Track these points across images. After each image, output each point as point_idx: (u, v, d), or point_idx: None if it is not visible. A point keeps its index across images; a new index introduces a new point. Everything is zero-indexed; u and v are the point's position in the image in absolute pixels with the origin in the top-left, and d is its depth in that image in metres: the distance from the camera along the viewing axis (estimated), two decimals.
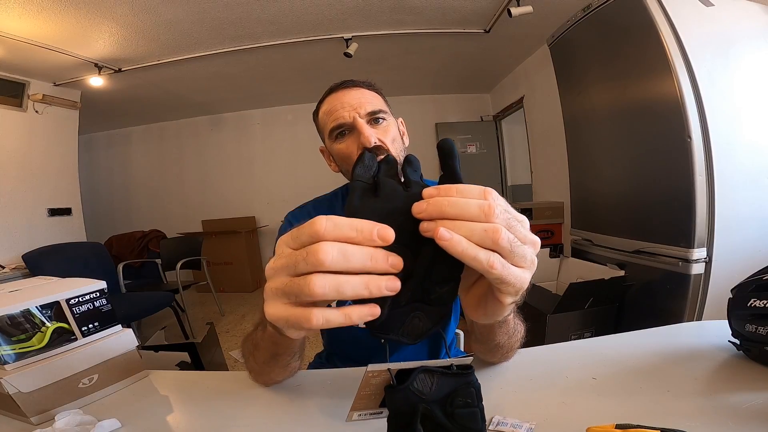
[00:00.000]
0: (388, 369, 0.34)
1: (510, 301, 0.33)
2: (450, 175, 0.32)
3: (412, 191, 0.31)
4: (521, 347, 0.62)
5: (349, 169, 0.75)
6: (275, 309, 0.30)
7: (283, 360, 0.56)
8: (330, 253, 0.26)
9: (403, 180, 0.32)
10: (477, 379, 0.35)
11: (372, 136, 0.69)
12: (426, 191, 0.30)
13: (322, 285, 0.27)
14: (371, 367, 0.34)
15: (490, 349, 0.58)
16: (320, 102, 0.78)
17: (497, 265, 0.28)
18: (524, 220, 0.32)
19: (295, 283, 0.28)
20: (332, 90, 0.77)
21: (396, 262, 0.27)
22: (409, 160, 0.34)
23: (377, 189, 0.31)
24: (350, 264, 0.27)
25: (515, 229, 0.30)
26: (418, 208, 0.29)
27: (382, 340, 0.31)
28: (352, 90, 0.75)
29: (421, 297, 0.30)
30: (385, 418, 0.36)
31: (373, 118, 0.72)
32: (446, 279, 0.29)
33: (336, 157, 0.76)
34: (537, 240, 0.32)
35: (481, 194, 0.29)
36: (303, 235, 0.28)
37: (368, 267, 0.27)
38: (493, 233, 0.28)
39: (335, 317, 0.28)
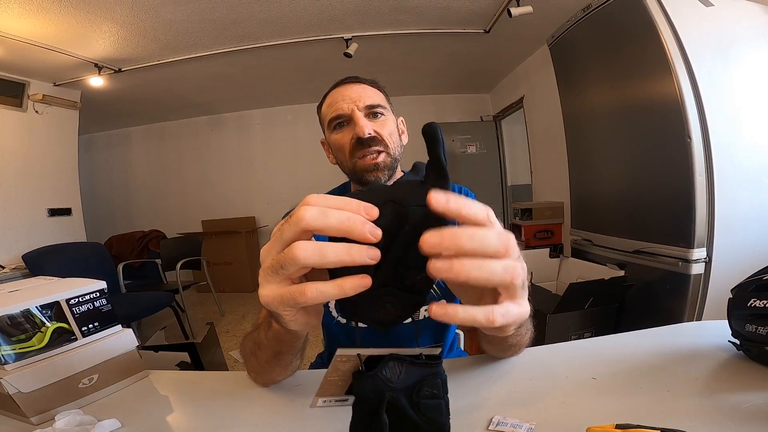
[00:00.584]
0: (358, 354, 0.33)
1: (511, 329, 0.33)
2: (435, 164, 0.28)
3: (395, 182, 0.30)
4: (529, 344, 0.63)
5: (343, 160, 0.76)
6: (269, 290, 0.30)
7: (286, 359, 0.56)
8: (310, 210, 0.27)
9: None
10: (444, 371, 0.35)
11: (367, 126, 0.70)
12: (435, 202, 0.26)
13: (304, 249, 0.26)
14: (341, 351, 0.33)
15: (502, 349, 0.59)
16: (324, 96, 0.80)
17: (498, 318, 0.27)
18: (513, 238, 0.30)
19: (281, 255, 0.28)
20: (336, 85, 0.79)
21: (374, 231, 0.26)
22: (414, 166, 0.33)
23: (366, 187, 0.30)
24: (329, 221, 0.26)
25: (519, 259, 0.28)
26: (429, 243, 0.25)
27: (353, 323, 0.29)
28: (355, 85, 0.76)
29: (393, 282, 0.28)
30: (350, 406, 0.35)
31: (372, 112, 0.73)
32: (422, 266, 0.26)
33: (332, 147, 0.78)
34: (525, 266, 0.31)
35: (486, 218, 0.27)
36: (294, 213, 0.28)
37: (347, 225, 0.26)
38: (513, 271, 0.26)
39: (329, 289, 0.27)
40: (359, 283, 0.26)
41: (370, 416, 0.33)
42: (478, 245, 0.26)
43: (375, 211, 0.27)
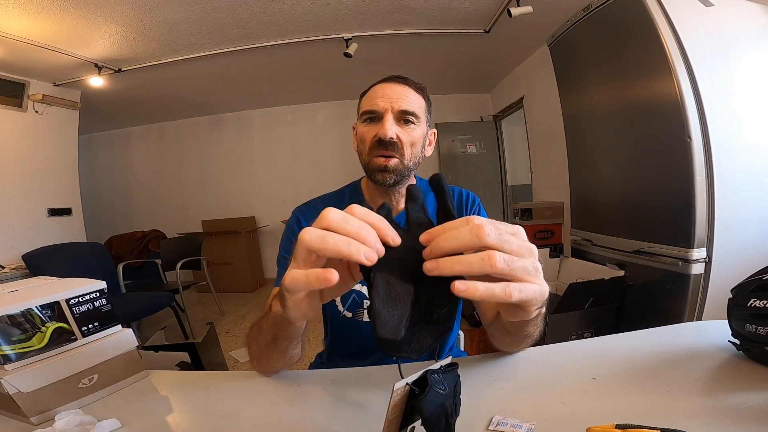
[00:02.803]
0: (407, 383, 0.37)
1: (535, 309, 0.36)
2: (443, 209, 0.35)
3: (412, 233, 0.34)
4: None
5: (362, 151, 0.79)
6: (294, 273, 0.34)
7: (282, 345, 0.57)
8: (334, 214, 0.32)
9: (407, 217, 0.36)
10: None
11: (390, 130, 0.72)
12: (422, 237, 0.32)
13: (309, 233, 0.32)
14: (396, 385, 0.36)
15: (518, 339, 0.59)
16: (371, 86, 0.81)
17: (515, 293, 0.30)
18: (518, 231, 0.33)
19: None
20: (385, 79, 0.80)
21: (392, 235, 0.32)
22: (410, 192, 0.36)
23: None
24: (348, 225, 0.32)
25: (509, 244, 0.31)
26: (427, 268, 0.31)
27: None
28: (400, 85, 0.77)
29: (424, 318, 0.33)
30: None
31: (404, 118, 0.75)
32: (445, 303, 0.33)
33: (358, 136, 0.81)
34: (533, 247, 0.33)
35: (464, 222, 0.31)
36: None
37: (362, 233, 0.31)
38: (489, 259, 0.30)
39: (300, 275, 0.33)
40: (323, 276, 0.31)
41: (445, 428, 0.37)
42: (454, 242, 0.30)
43: (398, 239, 0.33)
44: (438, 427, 0.37)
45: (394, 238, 0.33)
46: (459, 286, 0.29)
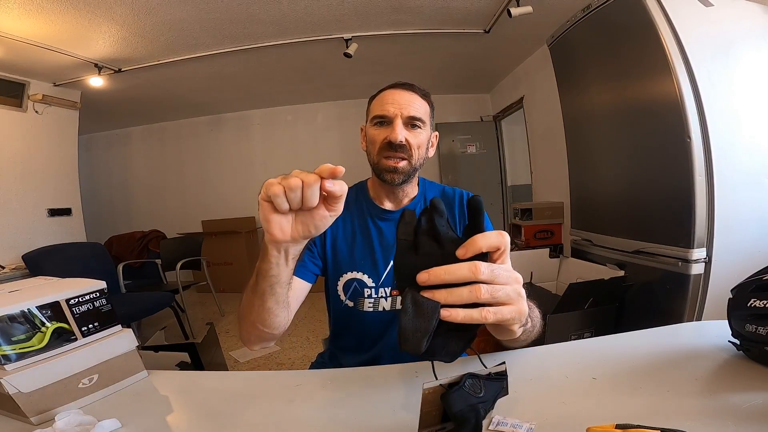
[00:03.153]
0: (440, 384, 0.40)
1: (517, 327, 0.42)
2: (473, 228, 0.39)
3: (446, 251, 0.39)
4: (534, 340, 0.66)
5: (371, 152, 0.85)
6: (275, 187, 0.43)
7: (268, 301, 0.58)
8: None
9: (434, 228, 0.39)
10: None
11: (400, 134, 0.79)
12: (459, 252, 0.38)
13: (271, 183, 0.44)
14: (426, 385, 0.40)
15: (515, 343, 0.63)
16: (379, 91, 0.88)
17: (490, 316, 0.37)
18: (510, 270, 0.40)
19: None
20: (393, 86, 0.86)
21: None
22: (434, 205, 0.40)
23: (417, 247, 0.39)
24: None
25: (498, 278, 0.38)
26: (421, 279, 0.37)
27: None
28: (407, 92, 0.84)
29: (455, 327, 0.38)
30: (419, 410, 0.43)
31: (411, 123, 0.82)
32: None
33: (368, 138, 0.86)
34: (518, 276, 0.41)
35: (469, 266, 0.37)
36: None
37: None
38: (476, 291, 0.37)
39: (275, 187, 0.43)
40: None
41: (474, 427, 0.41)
42: (452, 275, 0.37)
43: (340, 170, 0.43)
44: (467, 426, 0.40)
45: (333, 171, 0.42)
46: (443, 313, 0.36)
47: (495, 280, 0.38)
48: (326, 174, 0.43)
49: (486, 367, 0.43)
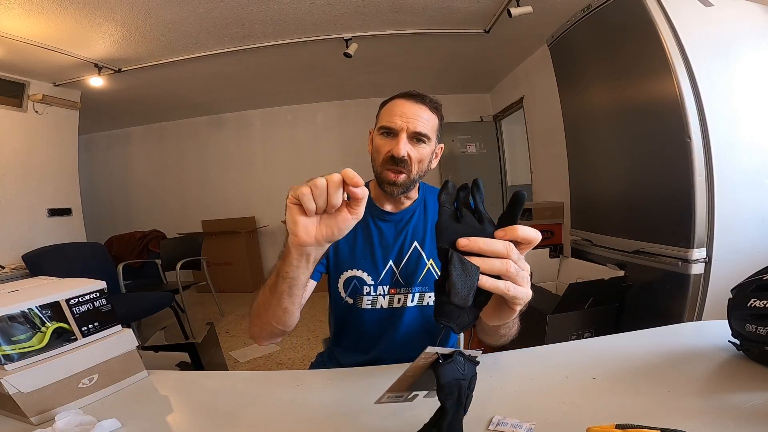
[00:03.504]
0: (437, 352, 0.44)
1: (519, 308, 0.46)
2: (510, 217, 0.44)
3: (485, 228, 0.44)
4: (520, 344, 0.69)
5: (375, 159, 0.88)
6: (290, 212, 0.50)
7: (284, 300, 0.60)
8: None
9: (474, 206, 0.44)
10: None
11: (403, 150, 0.81)
12: (498, 233, 0.43)
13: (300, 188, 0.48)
14: (429, 349, 0.43)
15: (495, 339, 0.67)
16: (391, 98, 0.89)
17: (511, 289, 0.43)
18: (522, 258, 0.45)
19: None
20: (404, 95, 0.87)
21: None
22: (477, 185, 0.45)
23: (459, 217, 0.44)
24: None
25: (520, 259, 0.44)
26: (461, 243, 0.42)
27: (441, 326, 0.42)
28: (417, 105, 0.85)
29: (470, 304, 0.42)
30: (406, 402, 0.48)
31: (417, 138, 0.84)
32: (485, 291, 0.42)
33: (373, 146, 0.89)
34: (529, 267, 0.46)
35: (504, 244, 0.43)
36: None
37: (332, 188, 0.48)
38: (506, 264, 0.42)
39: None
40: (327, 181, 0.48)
41: (458, 397, 0.44)
42: (489, 248, 0.42)
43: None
44: (451, 397, 0.43)
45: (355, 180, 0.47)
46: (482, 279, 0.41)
47: (518, 262, 0.43)
48: (349, 180, 0.47)
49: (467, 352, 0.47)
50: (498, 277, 0.42)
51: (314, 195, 0.47)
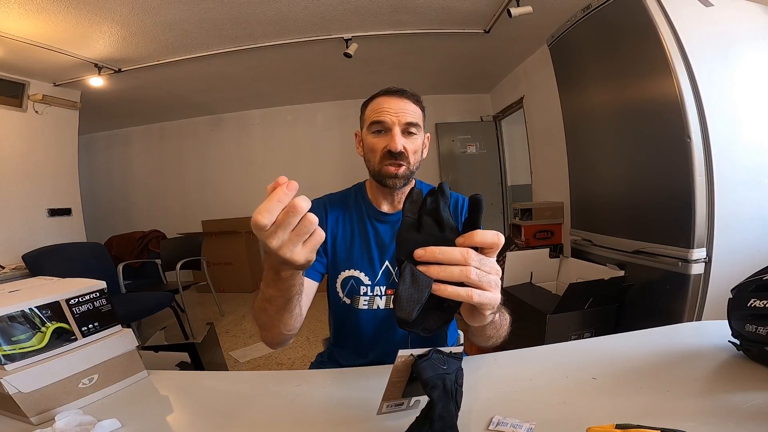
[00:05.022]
0: (411, 354, 0.45)
1: (489, 313, 0.46)
2: (472, 223, 0.43)
3: (446, 235, 0.43)
4: (513, 341, 0.68)
5: (371, 159, 0.88)
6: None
7: (280, 308, 0.59)
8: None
9: (438, 212, 0.43)
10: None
11: (400, 144, 0.82)
12: (458, 241, 0.43)
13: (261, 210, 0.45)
14: (401, 352, 0.44)
15: (484, 340, 0.67)
16: (372, 97, 0.90)
17: (475, 295, 0.42)
18: (488, 262, 0.44)
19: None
20: (386, 92, 0.88)
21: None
22: (442, 190, 0.43)
23: (420, 226, 0.43)
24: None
25: (483, 264, 0.43)
26: (418, 254, 0.41)
27: (408, 332, 0.43)
28: (402, 99, 0.86)
29: (437, 305, 0.42)
30: (405, 410, 0.48)
31: (408, 130, 0.85)
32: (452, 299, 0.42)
33: (366, 145, 0.89)
34: (499, 269, 0.45)
35: (461, 251, 0.42)
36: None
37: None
38: (466, 271, 0.41)
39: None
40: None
41: (443, 392, 0.44)
42: (445, 256, 0.41)
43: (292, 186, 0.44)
44: (437, 389, 0.43)
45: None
46: (433, 286, 0.41)
47: (482, 267, 0.43)
48: (291, 189, 0.45)
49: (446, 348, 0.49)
50: (462, 284, 0.41)
51: (293, 226, 0.44)
